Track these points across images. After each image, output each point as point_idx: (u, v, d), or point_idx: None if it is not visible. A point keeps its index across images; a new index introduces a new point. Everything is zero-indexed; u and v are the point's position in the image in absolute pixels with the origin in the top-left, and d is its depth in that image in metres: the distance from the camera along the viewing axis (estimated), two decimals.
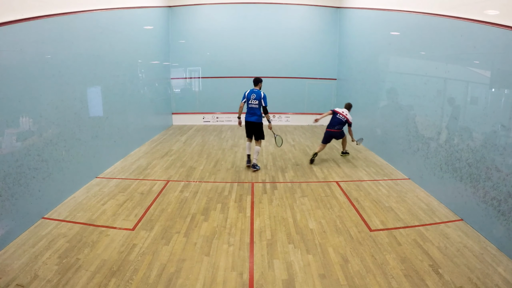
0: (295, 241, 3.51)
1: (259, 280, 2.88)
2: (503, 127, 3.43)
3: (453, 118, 4.37)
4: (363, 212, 4.24)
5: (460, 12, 4.21)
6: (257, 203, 4.49)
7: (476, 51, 3.96)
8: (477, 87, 4.04)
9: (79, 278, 2.86)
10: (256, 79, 5.96)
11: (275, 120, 10.86)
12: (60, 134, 4.47)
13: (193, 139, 8.50)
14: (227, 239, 3.56)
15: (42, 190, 4.02)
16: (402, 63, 6.11)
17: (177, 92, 10.79)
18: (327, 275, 2.95)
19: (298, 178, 5.52)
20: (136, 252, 3.27)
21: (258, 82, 5.93)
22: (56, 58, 4.44)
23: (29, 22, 3.86)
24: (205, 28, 10.37)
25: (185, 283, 2.83)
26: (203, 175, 5.64)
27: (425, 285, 2.81)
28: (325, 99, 10.81)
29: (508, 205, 3.31)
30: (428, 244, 3.45)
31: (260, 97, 5.74)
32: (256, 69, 10.49)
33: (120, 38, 6.60)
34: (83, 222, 3.89)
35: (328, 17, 10.43)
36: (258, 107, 5.80)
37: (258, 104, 5.78)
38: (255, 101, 5.78)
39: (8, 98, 3.51)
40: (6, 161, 3.47)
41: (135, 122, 7.41)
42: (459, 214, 4.11)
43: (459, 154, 4.19)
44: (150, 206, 4.37)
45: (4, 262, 3.08)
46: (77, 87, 4.99)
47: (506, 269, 3.03)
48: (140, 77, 7.95)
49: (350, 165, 6.31)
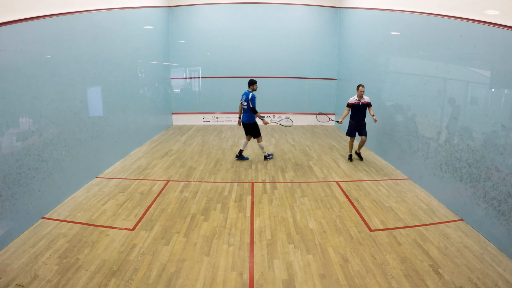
0: (295, 241, 3.51)
1: (259, 280, 2.88)
2: (503, 127, 3.43)
3: (453, 118, 4.37)
4: (363, 212, 4.24)
5: (460, 12, 4.21)
6: (257, 203, 4.49)
7: (476, 51, 3.96)
8: (477, 87, 4.04)
9: (79, 278, 2.86)
10: (249, 80, 6.27)
11: (275, 120, 10.85)
12: (60, 134, 4.47)
13: (193, 139, 8.50)
14: (227, 239, 3.56)
15: (42, 190, 4.02)
16: (402, 63, 6.11)
17: (177, 92, 10.79)
18: (327, 275, 2.95)
19: (298, 178, 5.52)
20: (136, 252, 3.27)
21: (250, 84, 6.22)
22: (56, 58, 4.44)
23: (29, 22, 3.86)
24: (205, 28, 10.38)
25: (185, 283, 2.83)
26: (203, 175, 5.64)
27: (425, 285, 2.81)
28: (325, 99, 10.82)
29: (508, 205, 3.31)
30: (428, 244, 3.45)
31: (248, 98, 6.11)
32: (256, 69, 10.52)
33: (120, 38, 6.60)
34: (83, 222, 3.89)
35: (328, 17, 10.43)
36: (247, 108, 6.19)
37: (247, 105, 6.16)
38: (245, 102, 6.20)
39: (8, 98, 3.51)
40: (6, 161, 3.47)
41: (135, 122, 7.41)
42: (459, 214, 4.11)
43: (459, 154, 4.19)
44: (150, 206, 4.37)
45: (4, 262, 3.08)
46: (77, 87, 4.99)
47: (506, 269, 3.03)
48: (140, 77, 7.95)
49: (350, 165, 6.31)
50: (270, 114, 10.89)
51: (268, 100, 10.76)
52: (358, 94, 6.15)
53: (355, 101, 6.22)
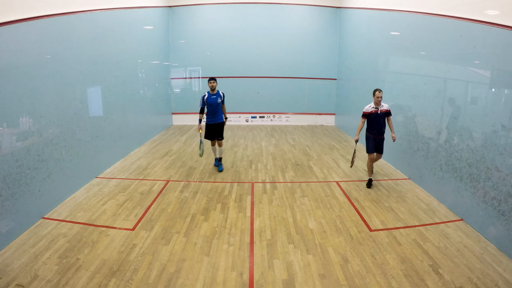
0: (295, 241, 3.51)
1: (259, 280, 2.88)
2: (503, 127, 3.43)
3: (453, 118, 4.37)
4: (363, 212, 4.24)
5: (460, 12, 4.21)
6: (257, 203, 4.49)
7: (476, 51, 3.96)
8: (477, 87, 4.04)
9: (79, 278, 2.86)
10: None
11: (275, 120, 10.87)
12: (60, 134, 4.47)
13: (193, 139, 8.50)
14: (227, 239, 3.56)
15: (42, 190, 4.02)
16: (402, 63, 6.11)
17: (177, 92, 10.79)
18: (327, 275, 2.95)
19: (298, 178, 5.52)
20: (136, 252, 3.27)
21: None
22: (56, 58, 4.44)
23: (29, 22, 3.86)
24: (205, 28, 10.37)
25: (185, 283, 2.83)
26: (203, 175, 5.64)
27: (425, 285, 2.81)
28: (325, 99, 10.81)
29: (508, 205, 3.31)
30: (428, 244, 3.45)
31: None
32: (256, 69, 10.53)
33: (120, 38, 6.60)
34: (83, 222, 3.89)
35: (328, 17, 10.43)
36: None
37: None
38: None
39: (8, 98, 3.51)
40: (6, 161, 3.47)
41: (135, 122, 7.41)
42: (459, 214, 4.11)
43: (459, 154, 4.19)
44: (150, 206, 4.37)
45: (4, 262, 3.08)
46: (77, 87, 4.99)
47: (506, 269, 3.03)
48: (140, 77, 7.95)
49: (350, 165, 6.30)
50: (270, 114, 10.89)
51: (268, 100, 10.77)
52: (375, 101, 4.99)
53: (372, 110, 5.03)
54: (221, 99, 5.67)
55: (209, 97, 5.61)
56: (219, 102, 5.64)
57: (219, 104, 5.66)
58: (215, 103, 5.62)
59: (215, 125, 5.74)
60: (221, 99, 5.68)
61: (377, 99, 4.98)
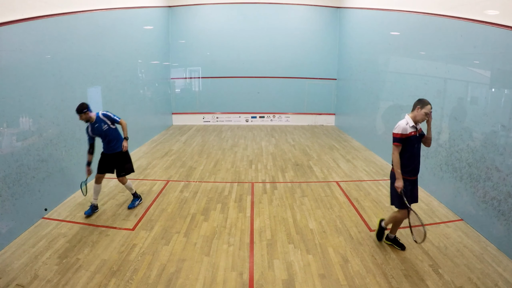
0: (295, 241, 3.51)
1: (259, 280, 2.88)
2: (503, 127, 3.43)
3: (453, 118, 4.37)
4: (363, 212, 4.23)
5: (460, 12, 4.21)
6: (257, 203, 4.48)
7: (476, 51, 3.96)
8: (477, 87, 4.04)
9: (79, 278, 2.86)
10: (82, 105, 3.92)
11: (275, 120, 10.88)
12: (60, 134, 4.47)
13: (193, 139, 8.50)
14: (227, 239, 3.56)
15: (42, 190, 4.02)
16: (402, 63, 6.11)
17: (177, 92, 10.79)
18: (327, 275, 2.95)
19: (298, 178, 5.52)
20: (136, 252, 3.27)
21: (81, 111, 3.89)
22: (56, 58, 4.44)
23: (29, 22, 3.86)
24: (205, 28, 10.37)
25: (185, 283, 2.83)
26: (203, 175, 5.64)
27: (425, 285, 2.81)
28: (325, 99, 10.81)
29: (508, 205, 3.31)
30: (428, 244, 3.45)
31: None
32: (256, 69, 10.53)
33: (120, 38, 6.60)
34: (83, 222, 3.89)
35: (328, 17, 10.43)
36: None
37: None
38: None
39: (8, 98, 3.51)
40: (6, 161, 3.47)
41: (135, 122, 7.40)
42: (459, 214, 4.11)
43: (459, 154, 4.19)
44: (150, 206, 4.37)
45: (4, 262, 3.08)
46: (77, 87, 4.99)
47: (506, 269, 3.03)
48: (140, 77, 7.95)
49: (350, 165, 6.31)
50: (270, 114, 10.90)
51: (268, 100, 10.77)
52: (420, 117, 3.06)
53: (411, 131, 3.10)
54: (109, 121, 4.13)
55: (93, 128, 4.07)
56: (105, 128, 4.11)
57: (110, 128, 4.15)
58: (102, 130, 4.10)
59: (112, 155, 4.25)
60: (109, 120, 4.14)
61: (422, 116, 3.03)
